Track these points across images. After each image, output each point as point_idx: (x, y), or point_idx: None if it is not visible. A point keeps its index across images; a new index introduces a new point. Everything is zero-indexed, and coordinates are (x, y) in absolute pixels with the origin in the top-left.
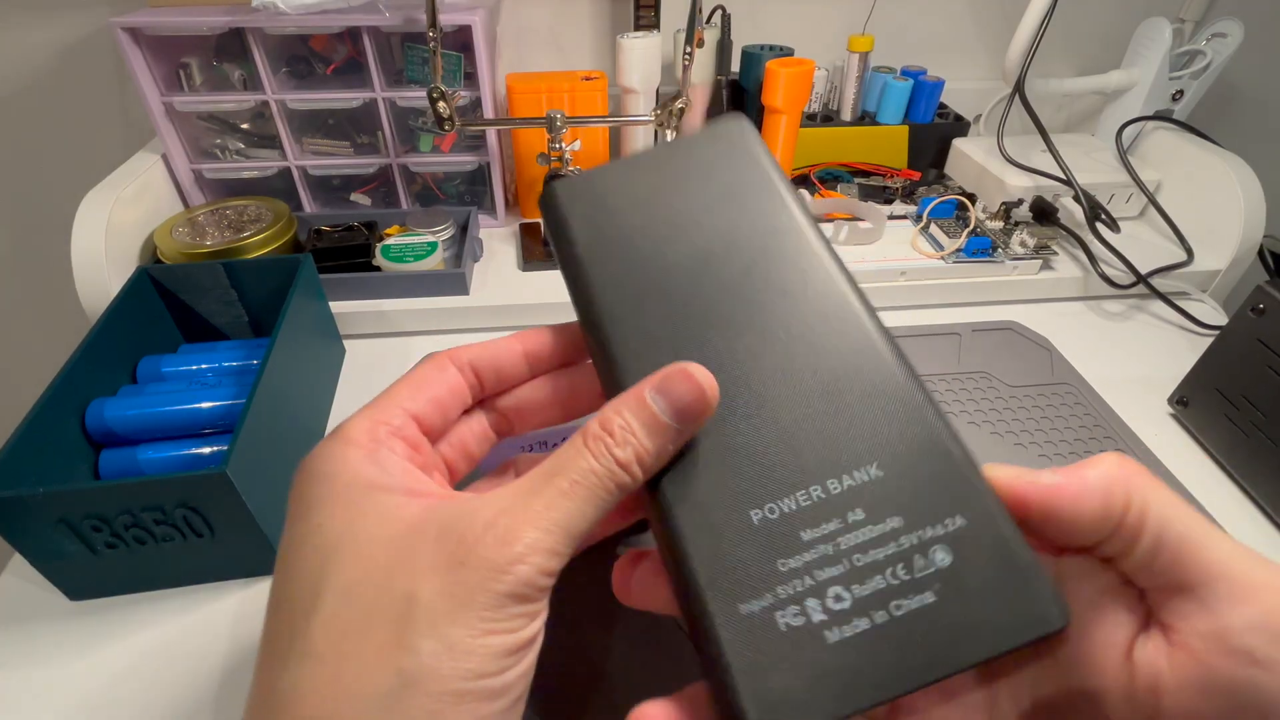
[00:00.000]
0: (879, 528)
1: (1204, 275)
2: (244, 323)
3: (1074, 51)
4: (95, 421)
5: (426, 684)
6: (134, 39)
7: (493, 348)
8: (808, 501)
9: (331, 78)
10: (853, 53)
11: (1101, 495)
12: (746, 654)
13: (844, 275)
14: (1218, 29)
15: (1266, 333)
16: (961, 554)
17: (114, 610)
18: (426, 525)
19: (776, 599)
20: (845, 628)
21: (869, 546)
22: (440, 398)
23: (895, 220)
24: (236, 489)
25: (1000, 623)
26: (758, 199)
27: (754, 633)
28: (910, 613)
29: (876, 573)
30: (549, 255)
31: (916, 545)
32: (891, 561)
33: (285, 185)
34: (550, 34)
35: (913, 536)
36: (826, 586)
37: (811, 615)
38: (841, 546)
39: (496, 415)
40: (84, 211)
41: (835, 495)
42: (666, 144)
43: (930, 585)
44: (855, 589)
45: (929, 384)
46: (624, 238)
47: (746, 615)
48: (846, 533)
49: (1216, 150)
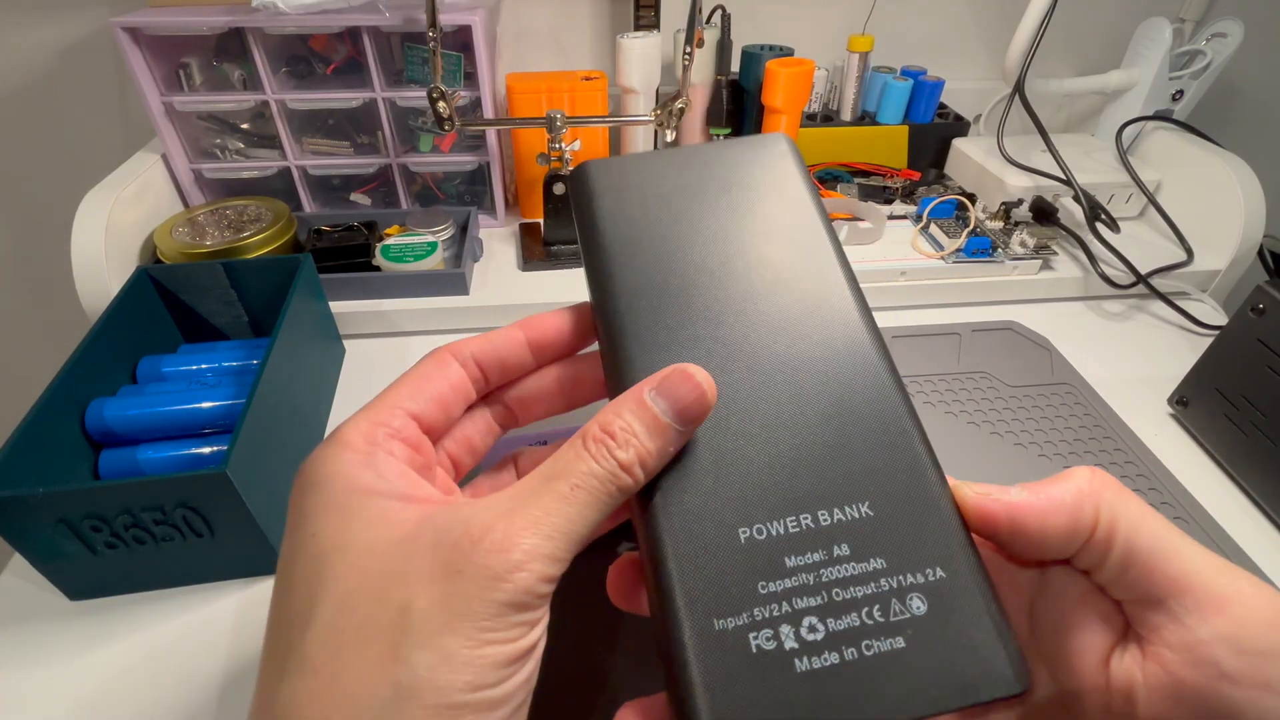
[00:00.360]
0: (862, 566)
1: (1204, 275)
2: (244, 323)
3: (1074, 51)
4: (95, 421)
5: (422, 696)
6: (134, 39)
7: (496, 339)
8: (796, 529)
9: (331, 78)
10: (853, 53)
11: (1070, 511)
12: (714, 669)
13: (862, 309)
14: (1218, 29)
15: (1266, 333)
16: (937, 605)
17: (114, 610)
18: (422, 532)
19: (752, 620)
20: (815, 659)
21: (850, 583)
22: (442, 395)
23: (895, 220)
24: (236, 489)
25: (963, 677)
26: (791, 217)
27: (724, 649)
28: (880, 654)
29: (854, 610)
30: (549, 255)
31: (895, 590)
32: (870, 601)
33: (285, 185)
34: (550, 34)
35: (894, 580)
36: (803, 615)
37: (784, 641)
38: (823, 579)
39: (500, 408)
40: (84, 211)
41: (825, 527)
42: (707, 144)
43: (903, 630)
44: (831, 622)
45: (932, 385)
46: (651, 229)
47: (720, 631)
48: (830, 566)
49: (1216, 150)
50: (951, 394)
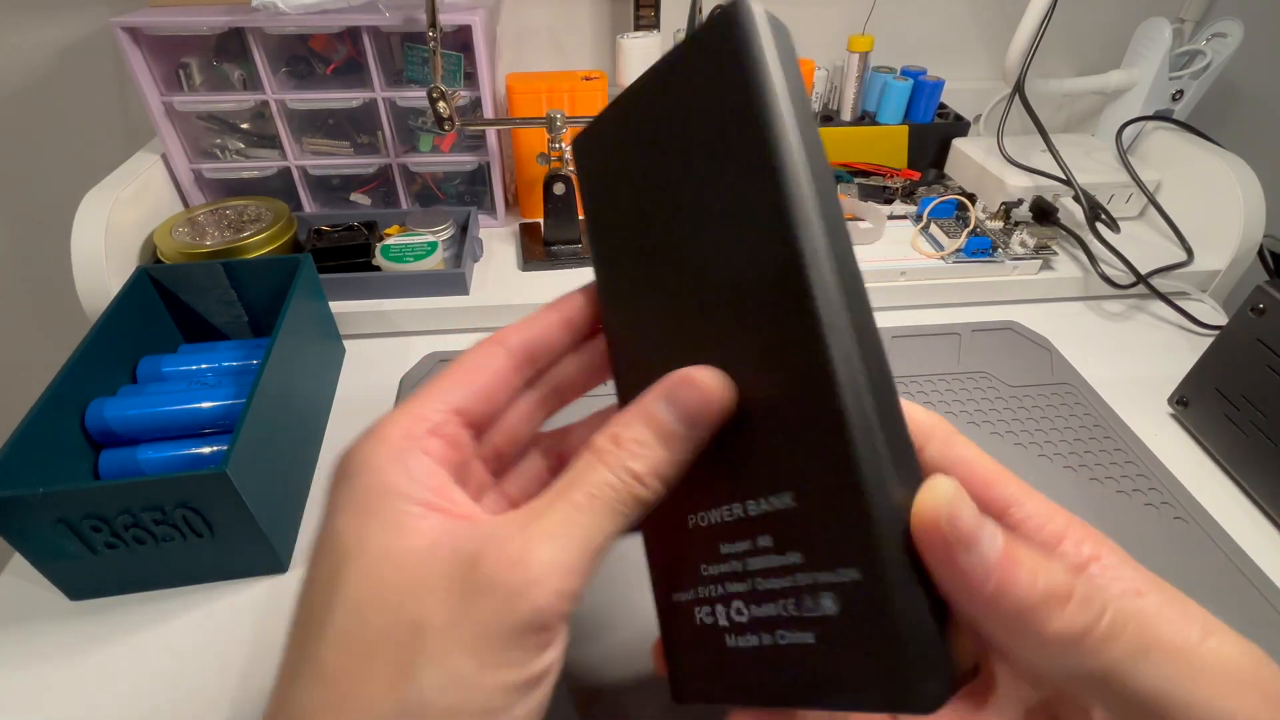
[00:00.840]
0: (780, 559)
1: (1204, 275)
2: (244, 323)
3: (1074, 51)
4: (95, 421)
5: (429, 718)
6: (134, 39)
7: (539, 325)
8: (730, 517)
9: (331, 78)
10: (853, 53)
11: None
12: (672, 631)
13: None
14: (1218, 29)
15: (1266, 333)
16: (848, 607)
17: (114, 610)
18: (439, 545)
19: (697, 596)
20: (740, 639)
21: (769, 574)
22: (488, 387)
23: (895, 220)
24: (236, 489)
25: (867, 685)
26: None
27: (680, 618)
28: (791, 644)
29: (771, 600)
30: (549, 255)
31: (808, 586)
32: (785, 594)
33: (285, 185)
34: (550, 34)
35: (807, 576)
36: (731, 599)
37: (719, 619)
38: (749, 567)
39: (545, 392)
40: (84, 211)
41: (752, 516)
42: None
43: (813, 628)
44: (753, 609)
45: (932, 385)
46: (619, 200)
47: (676, 602)
48: (754, 556)
49: (1216, 150)
50: (952, 394)
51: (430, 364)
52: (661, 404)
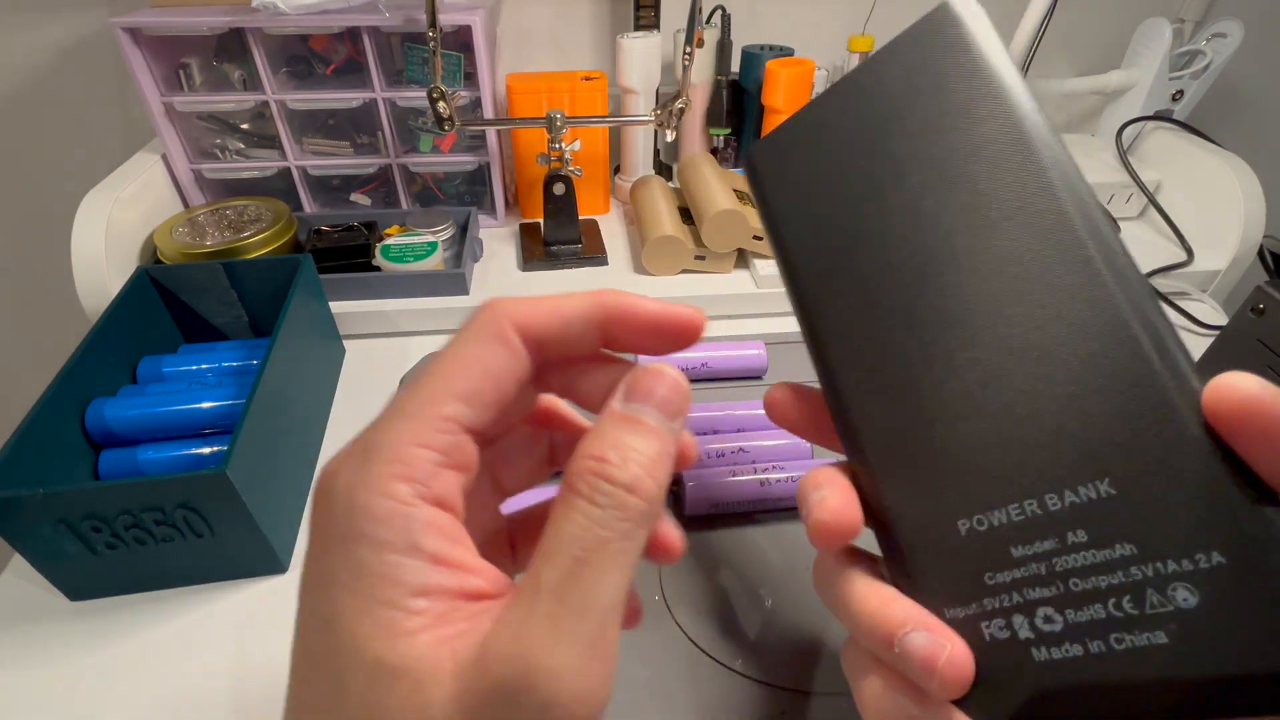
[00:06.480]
0: (1103, 554)
1: (1204, 275)
2: (244, 323)
3: (1074, 51)
4: (95, 422)
5: None
6: (134, 39)
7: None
8: (1020, 516)
9: (331, 78)
10: (853, 53)
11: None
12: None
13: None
14: (1218, 29)
15: (1266, 333)
16: (1214, 596)
17: (114, 610)
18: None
19: (982, 610)
20: (1055, 649)
21: (1089, 572)
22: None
23: None
24: (236, 489)
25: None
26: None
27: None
28: (1134, 649)
29: (1096, 601)
30: (549, 255)
31: (1151, 579)
32: (1116, 592)
33: (285, 185)
34: (550, 34)
35: (1147, 568)
36: (1036, 606)
37: (1018, 630)
38: (1056, 568)
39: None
40: (84, 211)
41: (1054, 512)
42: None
43: (1164, 624)
44: (1069, 614)
45: None
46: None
47: (951, 619)
48: (1063, 555)
49: (1216, 150)
50: None
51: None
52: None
